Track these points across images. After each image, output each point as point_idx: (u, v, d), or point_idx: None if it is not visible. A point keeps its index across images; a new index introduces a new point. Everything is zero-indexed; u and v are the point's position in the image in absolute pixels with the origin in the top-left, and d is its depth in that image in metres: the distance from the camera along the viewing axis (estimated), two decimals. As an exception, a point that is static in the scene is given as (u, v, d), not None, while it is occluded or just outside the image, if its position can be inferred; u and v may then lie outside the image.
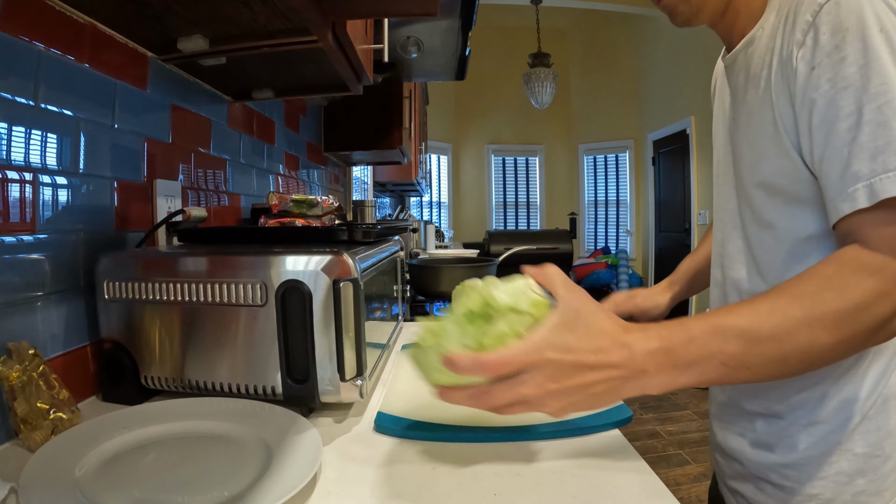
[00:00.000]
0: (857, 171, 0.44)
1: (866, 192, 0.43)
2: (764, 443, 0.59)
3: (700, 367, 0.42)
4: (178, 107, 0.91)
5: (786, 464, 0.57)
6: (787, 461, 0.57)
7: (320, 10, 0.74)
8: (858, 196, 0.44)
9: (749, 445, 0.61)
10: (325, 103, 1.85)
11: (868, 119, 0.43)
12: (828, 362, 0.45)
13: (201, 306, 0.61)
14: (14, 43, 0.56)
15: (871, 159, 0.43)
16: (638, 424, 2.86)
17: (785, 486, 0.57)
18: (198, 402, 0.61)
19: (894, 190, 0.42)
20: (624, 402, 0.64)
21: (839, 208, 0.46)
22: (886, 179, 0.42)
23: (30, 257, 0.59)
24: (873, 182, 0.43)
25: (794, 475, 0.56)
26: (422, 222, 2.95)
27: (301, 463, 0.47)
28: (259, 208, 1.18)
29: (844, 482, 0.54)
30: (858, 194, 0.44)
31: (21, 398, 0.52)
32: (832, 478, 0.54)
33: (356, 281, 0.59)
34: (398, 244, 1.02)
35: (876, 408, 0.53)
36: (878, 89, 0.43)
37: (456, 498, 0.45)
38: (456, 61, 1.56)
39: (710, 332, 0.43)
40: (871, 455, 0.53)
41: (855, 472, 0.54)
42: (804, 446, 0.56)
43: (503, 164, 6.69)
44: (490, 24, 5.86)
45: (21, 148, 0.58)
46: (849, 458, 0.54)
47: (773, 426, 0.58)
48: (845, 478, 0.54)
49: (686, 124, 4.76)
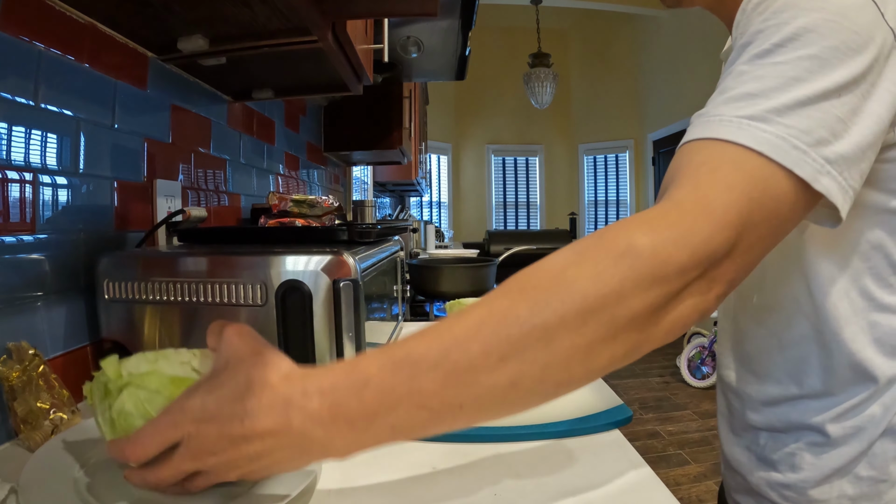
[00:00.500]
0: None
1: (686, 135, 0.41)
2: (767, 459, 0.57)
3: (391, 419, 0.32)
4: (178, 107, 0.91)
5: (787, 484, 0.54)
6: (789, 481, 0.54)
7: (320, 9, 0.74)
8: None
9: (753, 460, 0.59)
10: (325, 103, 1.85)
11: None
12: (579, 374, 0.32)
13: (201, 306, 0.61)
14: (14, 43, 0.56)
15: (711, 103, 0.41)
16: (638, 424, 2.86)
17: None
18: (198, 402, 0.60)
19: (697, 133, 0.39)
20: (624, 403, 0.64)
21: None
22: (698, 120, 0.40)
23: (30, 257, 0.59)
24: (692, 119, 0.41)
25: (793, 497, 0.54)
26: (422, 222, 2.95)
27: (301, 463, 0.46)
28: (259, 208, 1.18)
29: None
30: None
31: (21, 398, 0.52)
32: (834, 501, 0.52)
33: (356, 281, 0.59)
34: (398, 244, 1.02)
35: (885, 433, 0.50)
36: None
37: (456, 498, 0.45)
38: (456, 61, 1.56)
39: (392, 367, 0.31)
40: (877, 479, 0.51)
41: (858, 496, 0.51)
42: (807, 467, 0.53)
43: (503, 164, 6.69)
44: (490, 24, 5.87)
45: (21, 148, 0.58)
46: (852, 481, 0.51)
47: (777, 442, 0.56)
48: (847, 501, 0.51)
49: (686, 124, 4.74)
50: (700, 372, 3.48)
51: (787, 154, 0.35)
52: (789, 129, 0.36)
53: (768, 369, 0.57)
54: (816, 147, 0.36)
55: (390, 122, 1.88)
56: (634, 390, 3.41)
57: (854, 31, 0.37)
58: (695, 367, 3.52)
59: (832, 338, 0.50)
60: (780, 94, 0.37)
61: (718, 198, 0.34)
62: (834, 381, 0.51)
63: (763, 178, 0.35)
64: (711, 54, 4.15)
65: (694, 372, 3.52)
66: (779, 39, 0.38)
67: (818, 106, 0.36)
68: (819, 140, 0.36)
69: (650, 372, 3.79)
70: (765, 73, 0.38)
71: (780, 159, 0.35)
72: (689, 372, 3.52)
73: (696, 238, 0.32)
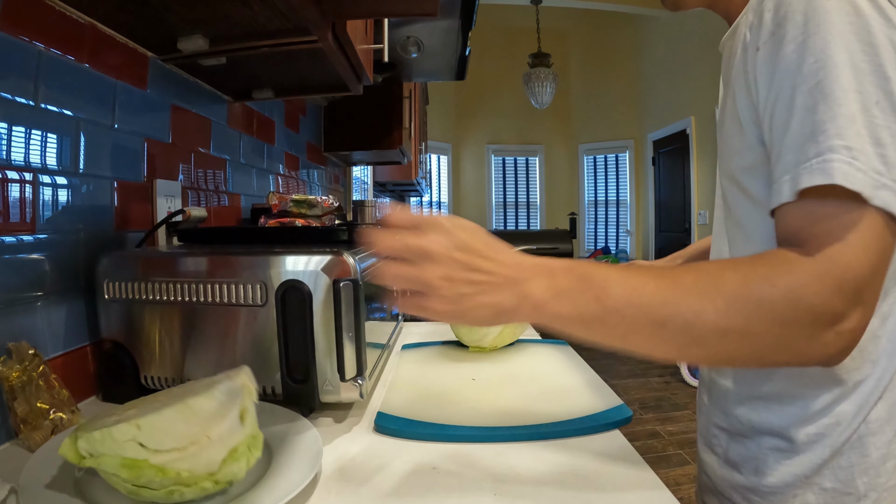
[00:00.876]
0: (787, 162, 0.41)
1: (789, 185, 0.40)
2: (732, 461, 0.56)
3: (575, 295, 0.41)
4: (178, 107, 0.91)
5: (750, 487, 0.54)
6: (751, 485, 0.54)
7: (320, 10, 0.74)
8: (784, 189, 0.41)
9: (718, 461, 0.58)
10: (325, 103, 1.85)
11: (799, 104, 0.40)
12: (713, 354, 0.41)
13: (201, 306, 0.61)
14: (14, 43, 0.56)
15: (798, 149, 0.40)
16: (638, 424, 2.86)
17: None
18: (198, 402, 0.60)
19: (815, 180, 0.38)
20: (624, 403, 0.64)
21: (770, 202, 0.43)
22: (806, 169, 0.39)
23: (30, 257, 0.59)
24: (795, 173, 0.40)
25: (757, 500, 0.53)
26: (422, 222, 2.94)
27: (301, 463, 0.47)
28: (259, 208, 1.18)
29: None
30: (784, 187, 0.41)
31: (21, 398, 0.52)
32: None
33: (356, 281, 0.59)
34: (398, 244, 1.02)
35: (851, 444, 0.49)
36: (810, 69, 0.40)
37: (456, 498, 0.45)
38: (456, 61, 1.56)
39: (595, 268, 0.42)
40: (842, 492, 0.50)
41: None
42: (770, 472, 0.52)
43: (503, 164, 6.69)
44: (490, 24, 5.86)
45: (21, 148, 0.58)
46: (816, 492, 0.50)
47: (741, 446, 0.55)
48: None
49: (686, 124, 4.76)
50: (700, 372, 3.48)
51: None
52: None
53: (733, 369, 0.56)
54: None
55: (390, 122, 1.88)
56: (634, 390, 3.41)
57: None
58: (694, 367, 3.53)
59: None
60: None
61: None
62: (797, 384, 0.50)
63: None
64: (711, 54, 4.15)
65: (694, 372, 3.52)
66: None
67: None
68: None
69: (650, 372, 3.79)
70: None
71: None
72: (689, 372, 3.53)
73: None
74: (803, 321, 0.39)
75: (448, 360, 0.85)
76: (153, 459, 0.38)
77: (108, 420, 0.40)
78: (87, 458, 0.38)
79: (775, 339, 0.39)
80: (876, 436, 0.49)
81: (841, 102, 0.39)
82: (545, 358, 0.86)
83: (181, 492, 0.39)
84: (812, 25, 0.40)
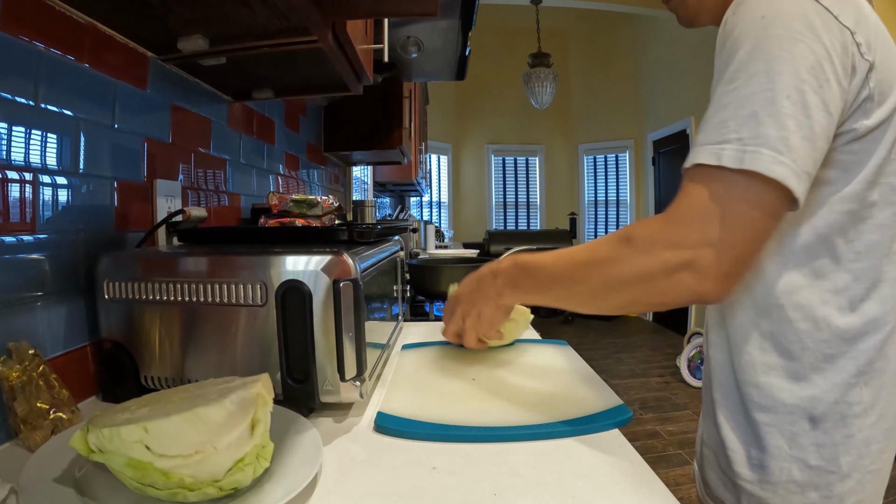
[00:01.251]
0: (696, 139, 0.50)
1: (689, 157, 0.49)
2: (725, 435, 0.60)
3: (507, 271, 0.63)
4: (178, 107, 0.91)
5: (740, 461, 0.57)
6: (742, 459, 0.57)
7: (320, 10, 0.74)
8: (688, 158, 0.50)
9: (716, 436, 0.62)
10: (325, 103, 1.85)
11: (716, 99, 0.49)
12: (602, 288, 0.53)
13: (201, 306, 0.61)
14: (14, 43, 0.56)
15: (705, 132, 0.49)
16: (638, 424, 2.86)
17: (738, 485, 0.57)
18: (198, 403, 0.60)
19: (702, 158, 0.48)
20: (624, 403, 0.64)
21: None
22: (703, 151, 0.48)
23: (30, 257, 0.59)
24: (695, 150, 0.49)
25: (747, 475, 0.56)
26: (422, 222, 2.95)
27: (301, 463, 0.47)
28: (259, 208, 1.18)
29: (795, 492, 0.53)
30: (688, 157, 0.50)
31: (21, 398, 0.52)
32: (783, 485, 0.54)
33: (356, 281, 0.59)
34: (398, 244, 1.02)
35: (833, 421, 0.52)
36: (730, 74, 0.48)
37: (456, 498, 0.45)
38: (456, 61, 1.56)
39: (518, 257, 0.63)
40: (826, 470, 0.52)
41: (807, 484, 0.53)
42: (755, 446, 0.56)
43: (503, 164, 6.69)
44: (490, 24, 5.87)
45: (21, 148, 0.58)
46: (801, 468, 0.53)
47: (732, 420, 0.59)
48: (796, 487, 0.53)
49: (686, 124, 4.76)
50: (700, 372, 3.48)
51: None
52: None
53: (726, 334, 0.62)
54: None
55: (390, 122, 1.88)
56: (634, 390, 3.41)
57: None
58: (695, 367, 3.53)
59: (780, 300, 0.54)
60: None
61: None
62: (777, 356, 0.55)
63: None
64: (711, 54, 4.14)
65: (694, 372, 3.52)
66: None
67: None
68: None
69: (650, 372, 3.79)
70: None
71: None
72: (689, 372, 3.53)
73: None
74: (659, 265, 0.48)
75: (448, 359, 0.85)
76: (158, 463, 0.38)
77: (119, 417, 0.40)
78: (96, 452, 0.39)
79: (643, 282, 0.50)
80: (860, 418, 0.52)
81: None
82: (545, 358, 0.86)
83: (184, 494, 0.39)
84: (737, 42, 0.49)
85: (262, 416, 0.43)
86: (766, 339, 0.55)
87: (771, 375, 0.55)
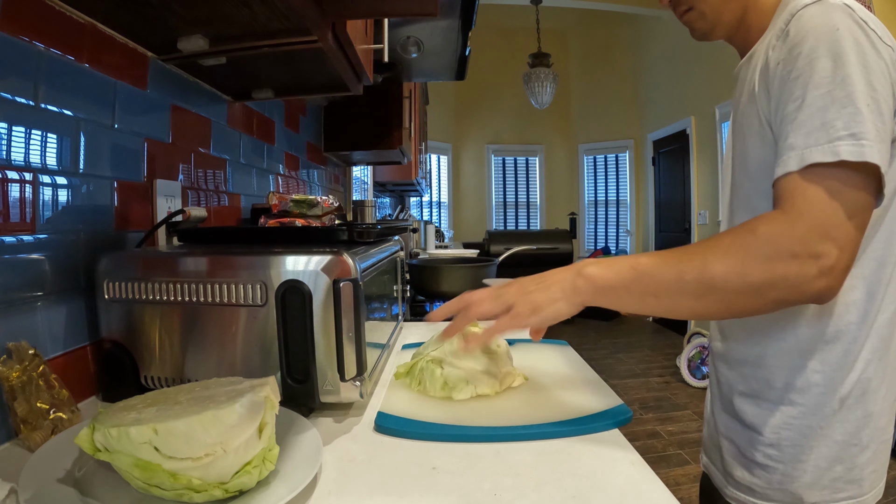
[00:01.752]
0: (793, 143, 0.51)
1: (797, 159, 0.50)
2: (751, 423, 0.62)
3: (615, 265, 0.56)
4: (178, 107, 0.91)
5: (770, 443, 0.60)
6: (771, 441, 0.60)
7: (320, 10, 0.74)
8: (790, 162, 0.51)
9: (740, 426, 0.64)
10: (325, 103, 1.85)
11: (809, 103, 0.51)
12: (724, 298, 0.52)
13: (201, 306, 0.61)
14: (14, 43, 0.56)
15: (806, 135, 0.50)
16: (638, 424, 2.86)
17: (769, 467, 0.60)
18: (198, 402, 0.60)
19: (819, 157, 0.49)
20: (624, 403, 0.64)
21: (774, 173, 0.53)
22: (816, 150, 0.49)
23: (30, 257, 0.59)
24: (804, 152, 0.50)
25: (777, 455, 0.60)
26: (422, 222, 2.95)
27: (301, 463, 0.47)
28: (259, 208, 1.18)
29: (824, 468, 0.57)
30: (790, 161, 0.51)
31: (21, 398, 0.52)
32: (812, 462, 0.57)
33: (356, 281, 0.59)
34: (398, 244, 1.02)
35: (854, 397, 0.57)
36: (819, 80, 0.50)
37: (456, 498, 0.45)
38: (456, 61, 1.56)
39: (632, 256, 0.57)
40: (849, 443, 0.57)
41: (833, 459, 0.57)
42: (786, 429, 0.59)
43: (503, 164, 6.69)
44: (490, 24, 5.86)
45: (21, 148, 0.58)
46: (828, 445, 0.57)
47: (759, 407, 0.62)
48: (825, 463, 0.57)
49: (686, 124, 4.76)
50: (700, 372, 3.48)
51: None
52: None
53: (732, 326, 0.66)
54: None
55: (390, 122, 1.88)
56: (634, 390, 3.41)
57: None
58: (695, 367, 3.52)
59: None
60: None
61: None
62: (790, 345, 0.59)
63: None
64: (711, 54, 4.15)
65: (694, 372, 3.52)
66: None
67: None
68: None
69: (650, 372, 3.79)
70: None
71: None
72: (689, 372, 3.52)
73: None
74: (784, 256, 0.49)
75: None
76: (166, 465, 0.38)
77: (126, 417, 0.40)
78: (102, 451, 0.39)
79: (766, 273, 0.49)
80: (875, 393, 0.57)
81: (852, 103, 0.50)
82: (545, 358, 0.86)
83: (190, 495, 0.39)
84: (819, 50, 0.51)
85: (269, 420, 0.43)
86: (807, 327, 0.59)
87: (807, 359, 0.58)
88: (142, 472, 0.38)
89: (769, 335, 0.61)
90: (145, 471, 0.38)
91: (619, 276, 0.55)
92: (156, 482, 0.38)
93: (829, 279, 0.49)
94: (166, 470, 0.38)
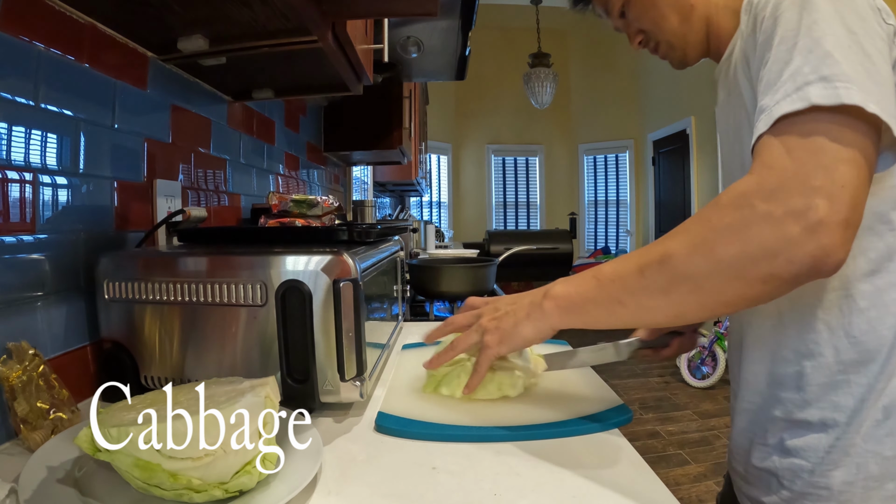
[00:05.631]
0: (762, 106, 0.45)
1: (766, 119, 0.44)
2: (792, 449, 0.56)
3: (578, 280, 0.53)
4: (178, 107, 0.91)
5: (812, 469, 0.54)
6: (813, 465, 0.54)
7: (320, 10, 0.74)
8: (760, 125, 0.45)
9: (778, 454, 0.57)
10: (325, 103, 1.85)
11: (775, 59, 0.46)
12: (700, 287, 0.44)
13: (201, 306, 0.61)
14: (14, 43, 0.56)
15: (774, 92, 0.44)
16: (638, 424, 2.86)
17: (811, 494, 0.54)
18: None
19: (787, 107, 0.43)
20: (624, 403, 0.64)
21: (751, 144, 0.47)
22: (784, 102, 0.43)
23: (30, 257, 0.59)
24: (773, 108, 0.44)
25: (822, 482, 0.53)
26: (422, 222, 2.94)
27: (301, 463, 0.47)
28: (259, 208, 1.18)
29: (874, 487, 0.51)
30: (760, 124, 0.45)
31: (21, 398, 0.52)
32: (861, 483, 0.51)
33: (356, 281, 0.59)
34: (398, 244, 1.02)
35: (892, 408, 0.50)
36: (784, 33, 0.45)
37: (456, 498, 0.45)
38: (456, 61, 1.56)
39: (596, 266, 0.53)
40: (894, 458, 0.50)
41: (884, 476, 0.51)
42: (830, 450, 0.53)
43: (503, 164, 6.69)
44: (490, 24, 5.86)
45: (21, 148, 0.58)
46: (878, 462, 0.51)
47: (800, 429, 0.55)
48: (874, 482, 0.51)
49: (686, 124, 4.76)
50: (700, 372, 3.48)
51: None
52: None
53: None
54: None
55: (390, 122, 1.88)
56: (634, 390, 3.41)
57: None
58: (695, 367, 3.52)
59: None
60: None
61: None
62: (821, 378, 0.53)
63: None
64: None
65: (694, 372, 3.52)
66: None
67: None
68: None
69: (650, 372, 3.79)
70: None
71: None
72: (689, 372, 3.52)
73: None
74: (755, 219, 0.41)
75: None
76: (166, 465, 0.38)
77: (126, 417, 0.40)
78: (102, 451, 0.39)
79: (737, 245, 0.42)
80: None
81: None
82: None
83: (190, 495, 0.39)
84: (807, 9, 0.45)
85: (269, 420, 0.43)
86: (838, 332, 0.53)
87: (849, 373, 0.52)
88: (142, 472, 0.38)
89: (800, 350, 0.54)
90: (145, 471, 0.38)
91: (581, 289, 0.52)
92: (156, 482, 0.38)
93: (823, 237, 0.40)
94: (166, 470, 0.38)
